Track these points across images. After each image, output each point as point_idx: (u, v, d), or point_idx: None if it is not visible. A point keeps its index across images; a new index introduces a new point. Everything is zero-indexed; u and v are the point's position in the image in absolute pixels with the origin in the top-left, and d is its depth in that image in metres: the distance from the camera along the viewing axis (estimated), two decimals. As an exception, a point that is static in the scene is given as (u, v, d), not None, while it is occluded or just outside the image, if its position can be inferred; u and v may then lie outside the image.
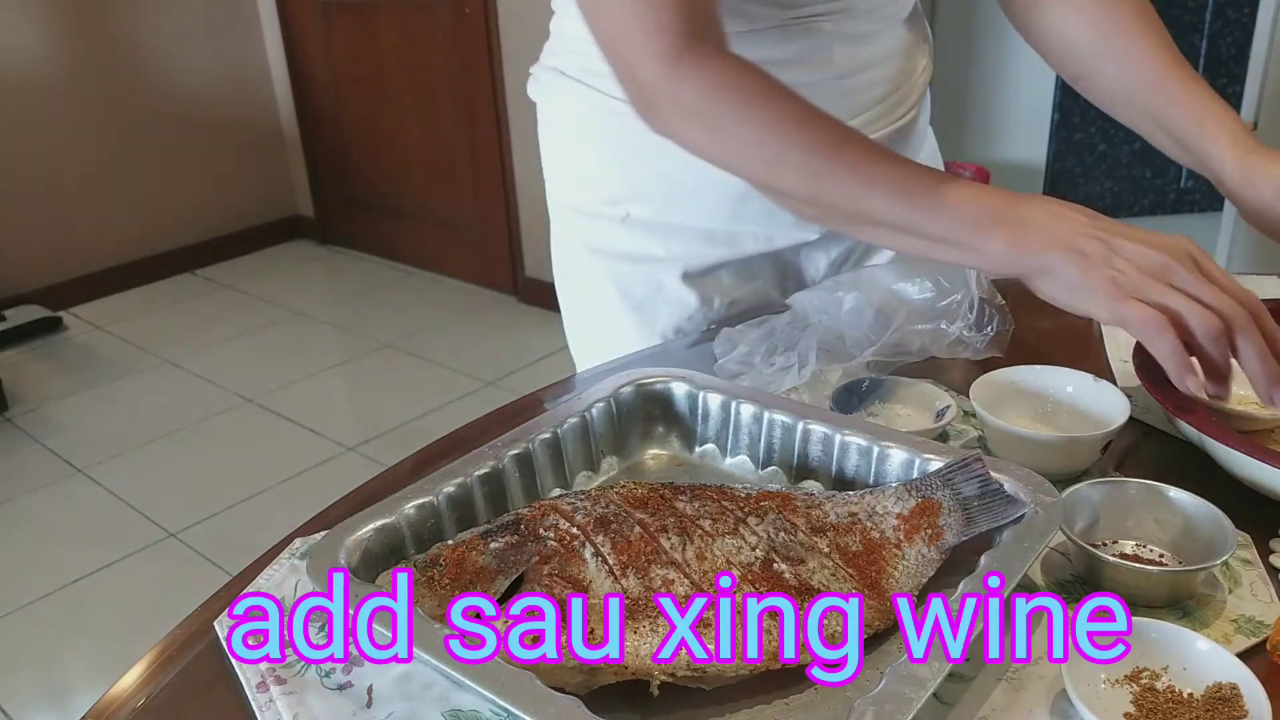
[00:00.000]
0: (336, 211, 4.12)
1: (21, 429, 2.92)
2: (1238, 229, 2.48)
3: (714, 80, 0.74)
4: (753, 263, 1.02)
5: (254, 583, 0.65)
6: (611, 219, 1.01)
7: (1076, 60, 0.96)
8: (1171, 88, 0.89)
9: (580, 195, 1.04)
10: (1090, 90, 0.96)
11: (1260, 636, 0.57)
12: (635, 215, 1.00)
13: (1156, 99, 0.89)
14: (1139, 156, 3.74)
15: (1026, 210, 0.72)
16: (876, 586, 0.58)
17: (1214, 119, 0.86)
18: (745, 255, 1.01)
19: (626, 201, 1.00)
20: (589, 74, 0.97)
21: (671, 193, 0.98)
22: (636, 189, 1.00)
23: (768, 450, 0.73)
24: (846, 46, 0.92)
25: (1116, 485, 0.65)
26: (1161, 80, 0.89)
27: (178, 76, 3.79)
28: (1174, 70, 0.89)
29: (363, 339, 3.36)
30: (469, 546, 0.57)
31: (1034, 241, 0.70)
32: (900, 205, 0.72)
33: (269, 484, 2.57)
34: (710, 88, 0.74)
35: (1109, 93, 0.94)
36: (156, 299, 3.77)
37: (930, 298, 0.89)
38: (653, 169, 0.97)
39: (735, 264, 1.01)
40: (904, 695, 0.48)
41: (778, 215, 0.98)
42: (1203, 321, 0.66)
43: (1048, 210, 0.72)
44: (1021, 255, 0.71)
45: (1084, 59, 0.95)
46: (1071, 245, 0.70)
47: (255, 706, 0.55)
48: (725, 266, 1.01)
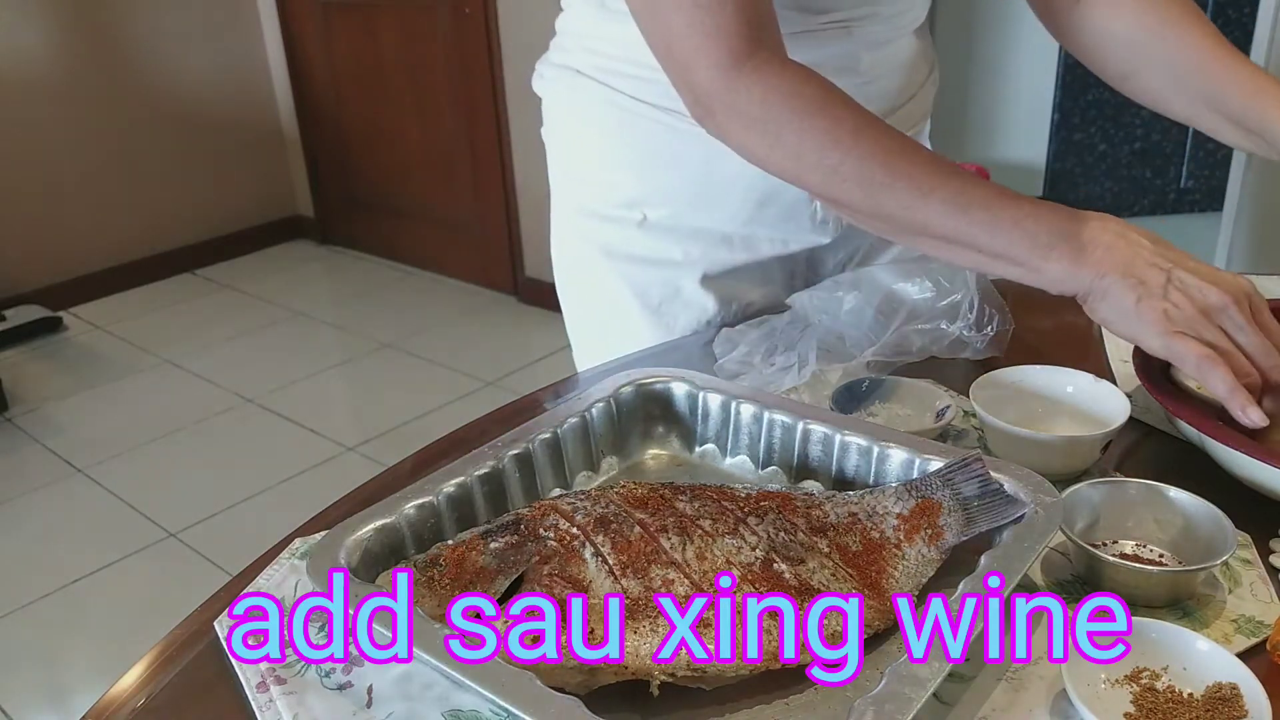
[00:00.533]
0: (336, 211, 4.12)
1: (21, 429, 2.91)
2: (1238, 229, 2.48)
3: (774, 89, 0.74)
4: (768, 265, 1.02)
5: (254, 583, 0.65)
6: (628, 222, 1.00)
7: (1124, 59, 0.95)
8: (1223, 69, 0.88)
9: (593, 197, 1.03)
10: (1140, 88, 0.96)
11: (1260, 636, 0.57)
12: (653, 218, 0.99)
13: (1209, 82, 0.89)
14: (1139, 156, 3.74)
15: (1090, 230, 0.72)
16: (876, 586, 0.58)
17: (1270, 94, 0.86)
18: (761, 258, 1.01)
19: (644, 204, 0.99)
20: (607, 74, 0.96)
21: (690, 196, 0.98)
22: (654, 192, 0.99)
23: (768, 450, 0.73)
24: (870, 52, 0.92)
25: (1116, 485, 0.65)
26: (1212, 63, 0.89)
27: (178, 76, 3.79)
28: (1223, 53, 0.89)
29: (363, 339, 3.36)
30: (469, 546, 0.57)
31: (1094, 263, 0.70)
32: (957, 219, 0.72)
33: (269, 484, 2.57)
34: (770, 97, 0.74)
35: (1159, 85, 0.94)
36: (156, 299, 3.77)
37: (930, 298, 0.89)
38: (671, 172, 0.97)
39: (751, 267, 1.01)
40: (904, 695, 0.48)
41: (794, 219, 0.98)
42: (1241, 369, 0.68)
43: (1111, 231, 0.72)
44: (1079, 277, 0.71)
45: (1132, 56, 0.94)
46: (1131, 271, 0.70)
47: (255, 706, 0.55)
48: (742, 270, 1.01)
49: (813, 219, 0.99)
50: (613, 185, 1.01)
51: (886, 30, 0.93)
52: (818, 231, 1.00)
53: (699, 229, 0.99)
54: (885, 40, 0.94)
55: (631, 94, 0.94)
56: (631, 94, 0.94)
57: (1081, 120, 3.66)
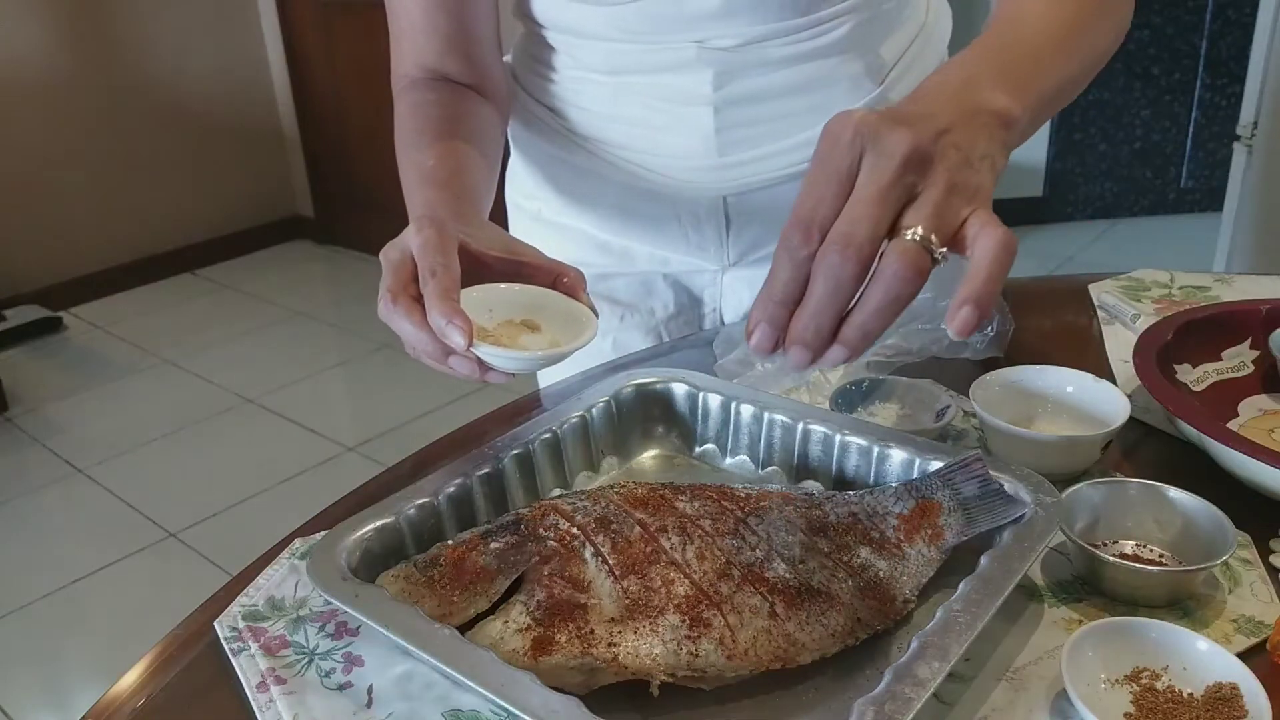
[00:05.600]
0: (336, 211, 4.12)
1: (21, 429, 2.92)
2: (1238, 229, 2.48)
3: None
4: (651, 280, 1.02)
5: (254, 582, 0.65)
6: (529, 213, 1.04)
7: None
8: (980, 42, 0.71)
9: (510, 186, 1.06)
10: None
11: (1260, 636, 0.57)
12: (546, 213, 1.02)
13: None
14: (1139, 156, 3.74)
15: None
16: (877, 586, 0.58)
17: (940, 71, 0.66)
18: (640, 271, 1.01)
19: (539, 197, 1.02)
20: (514, 65, 1.01)
21: (566, 193, 1.00)
22: (542, 183, 1.01)
23: (768, 450, 0.73)
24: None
25: (1116, 485, 0.65)
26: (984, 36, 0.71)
27: (178, 76, 3.79)
28: (998, 34, 0.72)
29: (363, 339, 3.36)
30: (469, 546, 0.57)
31: None
32: None
33: (269, 484, 2.57)
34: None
35: None
36: (156, 299, 3.77)
37: (930, 298, 0.88)
38: (551, 166, 1.00)
39: (631, 277, 1.02)
40: (904, 695, 0.48)
41: (666, 234, 0.98)
42: None
43: None
44: None
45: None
46: None
47: (255, 706, 0.55)
48: (620, 278, 1.02)
49: (685, 240, 0.98)
50: (518, 174, 1.05)
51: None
52: (698, 254, 0.99)
53: (578, 230, 1.01)
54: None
55: (524, 86, 0.99)
56: (524, 86, 0.99)
57: (1081, 120, 3.66)
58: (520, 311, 0.66)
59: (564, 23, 0.90)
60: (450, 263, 0.62)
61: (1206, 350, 0.81)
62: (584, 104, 0.94)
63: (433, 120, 0.84)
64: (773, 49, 0.86)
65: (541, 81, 0.96)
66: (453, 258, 0.62)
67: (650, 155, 0.92)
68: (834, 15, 0.86)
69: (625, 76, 0.90)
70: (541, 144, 0.98)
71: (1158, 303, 0.94)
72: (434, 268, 0.61)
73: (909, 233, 0.53)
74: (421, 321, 0.60)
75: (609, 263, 1.01)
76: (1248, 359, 0.82)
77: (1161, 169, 3.75)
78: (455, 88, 0.90)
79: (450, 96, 0.88)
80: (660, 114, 0.90)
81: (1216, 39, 3.55)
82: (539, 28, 0.93)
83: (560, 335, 0.65)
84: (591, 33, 0.89)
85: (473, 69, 0.91)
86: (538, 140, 0.99)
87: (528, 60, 0.97)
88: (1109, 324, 0.93)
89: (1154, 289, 0.97)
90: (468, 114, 0.87)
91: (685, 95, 0.88)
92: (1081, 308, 0.97)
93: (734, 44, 0.85)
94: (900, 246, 0.52)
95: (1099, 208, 3.82)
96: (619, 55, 0.89)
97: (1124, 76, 3.60)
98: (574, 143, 0.95)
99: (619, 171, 0.94)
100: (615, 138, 0.93)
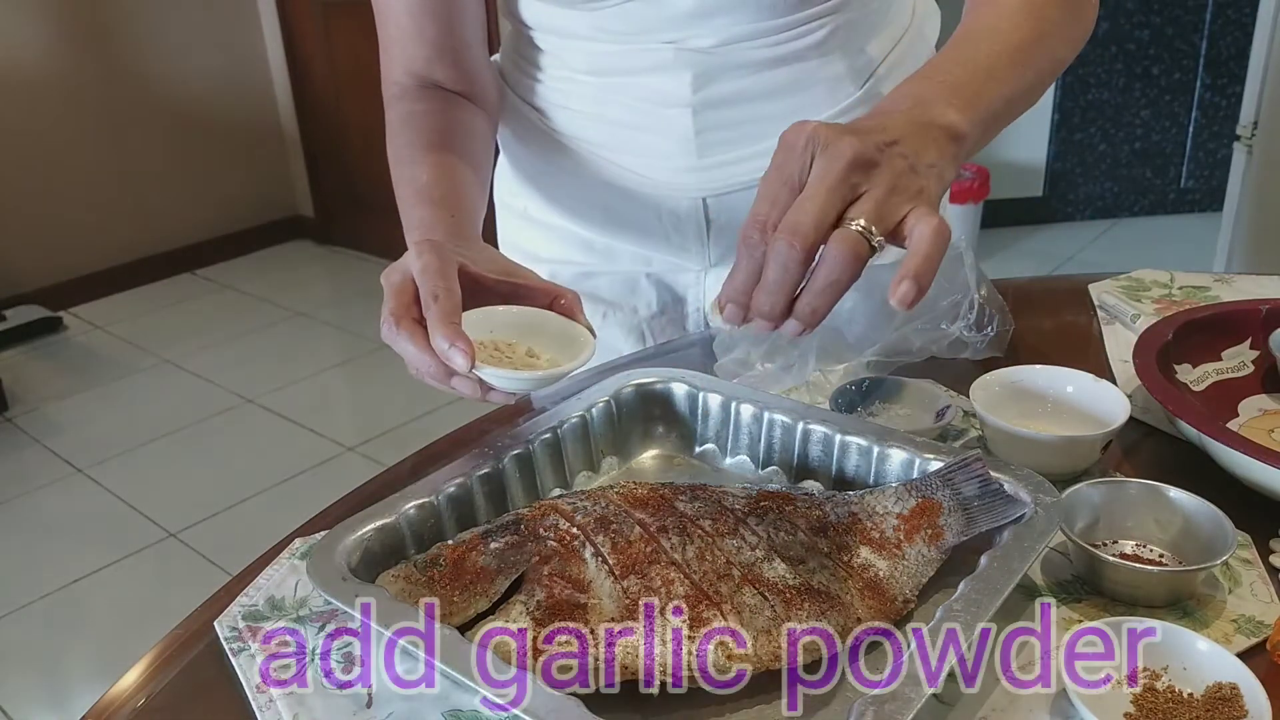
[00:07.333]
0: (336, 211, 4.12)
1: (21, 429, 2.92)
2: (1237, 229, 2.48)
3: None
4: (634, 279, 1.02)
5: (254, 583, 0.65)
6: (516, 210, 1.04)
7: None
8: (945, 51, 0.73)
9: (497, 184, 1.06)
10: None
11: (1260, 636, 0.57)
12: (531, 211, 1.02)
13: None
14: (1139, 156, 3.74)
15: None
16: (877, 586, 0.58)
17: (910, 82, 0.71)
18: (623, 270, 1.01)
19: (525, 195, 1.02)
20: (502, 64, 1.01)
21: (550, 191, 1.00)
22: (528, 181, 1.01)
23: (768, 450, 0.73)
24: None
25: (1116, 485, 0.65)
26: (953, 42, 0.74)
27: (178, 76, 3.79)
28: (953, 43, 0.74)
29: (363, 339, 3.36)
30: (469, 546, 0.57)
31: None
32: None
33: (269, 484, 2.57)
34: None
35: None
36: (156, 299, 3.77)
37: (930, 298, 0.88)
38: (537, 164, 1.00)
39: (614, 276, 1.02)
40: (904, 695, 0.48)
41: (648, 234, 0.98)
42: None
43: None
44: None
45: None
46: None
47: (255, 706, 0.55)
48: (604, 276, 1.02)
49: (667, 240, 0.98)
50: (501, 171, 1.04)
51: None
52: (678, 253, 0.98)
53: (563, 227, 1.01)
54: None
55: (512, 86, 0.99)
56: (512, 86, 0.99)
57: (1081, 120, 3.66)
58: (519, 332, 0.68)
59: (549, 24, 0.91)
60: (451, 286, 0.64)
61: (1206, 350, 0.82)
62: (569, 104, 0.94)
63: (424, 132, 0.85)
64: (752, 50, 0.87)
65: (529, 81, 0.96)
66: (453, 281, 0.64)
67: (631, 156, 0.93)
68: (815, 17, 0.86)
69: (608, 78, 0.90)
70: (528, 142, 0.99)
71: (1158, 303, 0.94)
72: (436, 292, 0.63)
73: (852, 223, 0.59)
74: (424, 344, 0.62)
75: (593, 261, 1.01)
76: (1248, 359, 0.82)
77: (1161, 169, 3.75)
78: (446, 96, 0.90)
79: (441, 106, 0.89)
80: (641, 115, 0.91)
81: (1216, 39, 3.55)
82: (526, 28, 0.93)
83: (559, 355, 0.67)
84: (575, 34, 0.89)
85: (462, 75, 0.91)
86: (524, 138, 0.99)
87: (516, 60, 0.98)
88: (1109, 324, 0.93)
89: (1154, 289, 0.97)
90: (459, 125, 0.88)
91: (665, 97, 0.89)
92: (1081, 308, 0.97)
93: (711, 44, 0.86)
94: (842, 234, 0.59)
95: (1099, 208, 3.82)
96: (602, 57, 0.89)
97: (1124, 76, 3.60)
98: (559, 142, 0.96)
99: (602, 172, 0.94)
100: (598, 138, 0.94)
